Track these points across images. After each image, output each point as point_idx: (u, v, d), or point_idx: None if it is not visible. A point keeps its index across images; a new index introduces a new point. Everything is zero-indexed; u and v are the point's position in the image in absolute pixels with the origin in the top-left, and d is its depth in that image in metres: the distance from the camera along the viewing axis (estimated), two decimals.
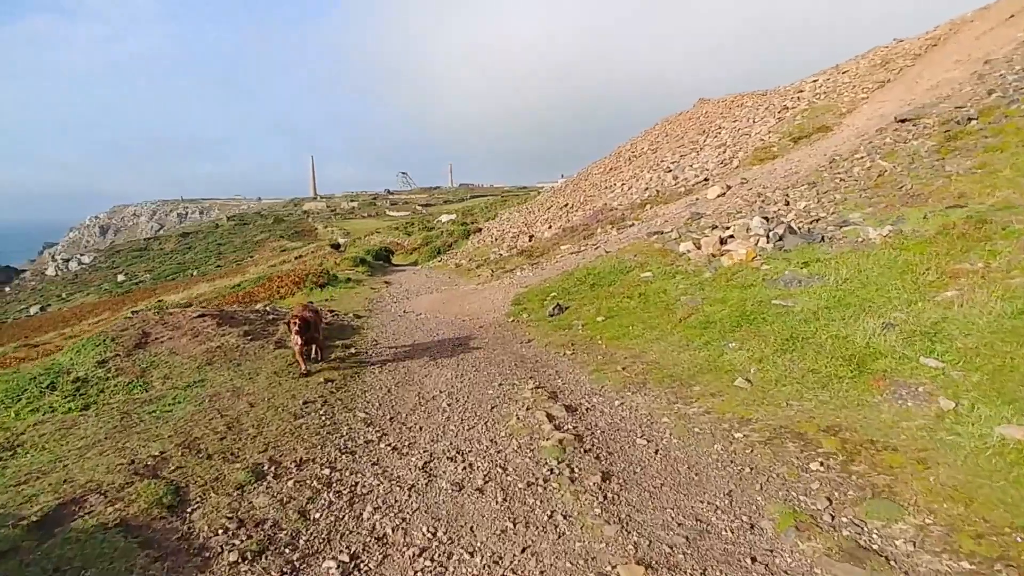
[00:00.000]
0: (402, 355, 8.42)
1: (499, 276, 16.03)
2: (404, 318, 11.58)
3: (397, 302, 14.06)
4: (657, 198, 18.23)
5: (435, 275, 23.40)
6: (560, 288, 12.19)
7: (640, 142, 34.70)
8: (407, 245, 43.37)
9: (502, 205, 58.26)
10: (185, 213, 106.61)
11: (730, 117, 28.53)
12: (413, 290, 16.89)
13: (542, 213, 30.38)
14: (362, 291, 16.49)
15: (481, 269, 22.17)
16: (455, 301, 13.34)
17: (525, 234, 27.23)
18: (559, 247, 17.29)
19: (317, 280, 17.24)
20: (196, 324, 7.93)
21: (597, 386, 6.85)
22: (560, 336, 9.55)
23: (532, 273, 14.37)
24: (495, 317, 11.34)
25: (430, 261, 31.91)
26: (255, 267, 50.48)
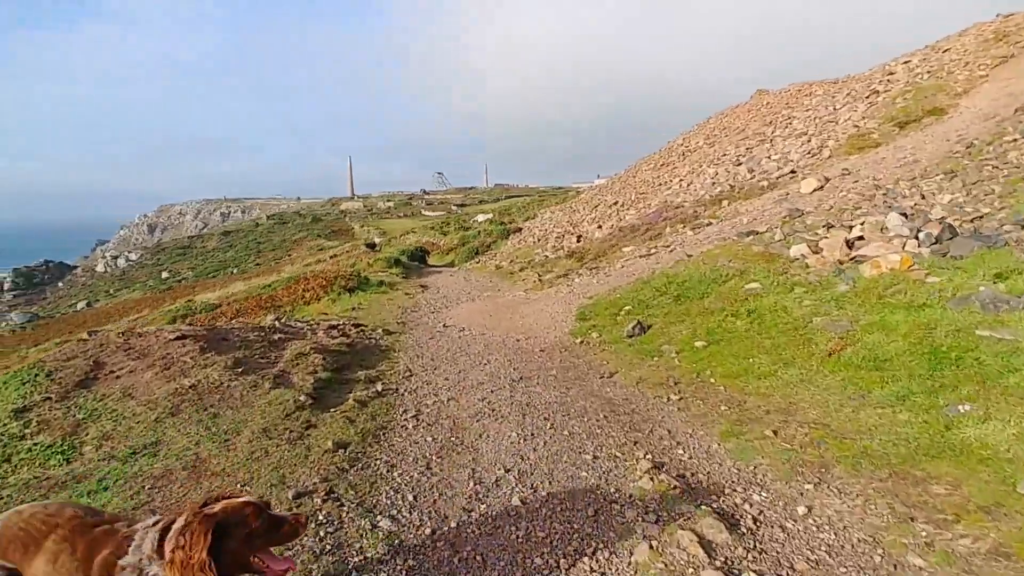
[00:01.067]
0: (444, 395, 6.08)
1: (552, 282, 13.58)
2: (444, 335, 9.24)
3: (435, 312, 11.75)
4: (733, 193, 15.52)
5: (474, 278, 21.10)
6: (635, 300, 9.68)
7: (693, 137, 31.77)
8: (443, 245, 41.31)
9: (539, 205, 55.76)
10: (228, 212, 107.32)
11: (800, 107, 25.46)
12: (452, 296, 14.59)
13: (588, 212, 27.78)
14: (395, 297, 14.28)
15: (525, 272, 19.77)
16: (503, 312, 10.96)
17: (571, 234, 24.71)
18: (619, 249, 14.75)
19: (346, 284, 15.12)
20: (172, 350, 5.78)
21: (747, 467, 4.35)
22: (651, 369, 7.06)
23: (595, 280, 11.86)
24: (557, 336, 8.91)
25: (467, 262, 29.68)
26: (290, 266, 49.28)
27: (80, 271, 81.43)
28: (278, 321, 8.46)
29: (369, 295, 14.47)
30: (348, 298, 14.07)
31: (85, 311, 53.60)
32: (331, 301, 13.86)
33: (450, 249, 37.92)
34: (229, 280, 49.70)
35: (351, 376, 6.35)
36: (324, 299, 14.18)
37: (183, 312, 25.33)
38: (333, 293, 14.65)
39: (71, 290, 73.33)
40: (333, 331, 8.25)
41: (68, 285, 76.98)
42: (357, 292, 14.72)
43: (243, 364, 5.85)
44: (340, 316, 10.38)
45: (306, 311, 13.09)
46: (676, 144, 32.34)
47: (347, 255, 46.71)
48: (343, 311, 11.47)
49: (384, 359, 7.44)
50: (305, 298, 14.50)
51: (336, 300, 13.92)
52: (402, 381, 6.53)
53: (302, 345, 6.87)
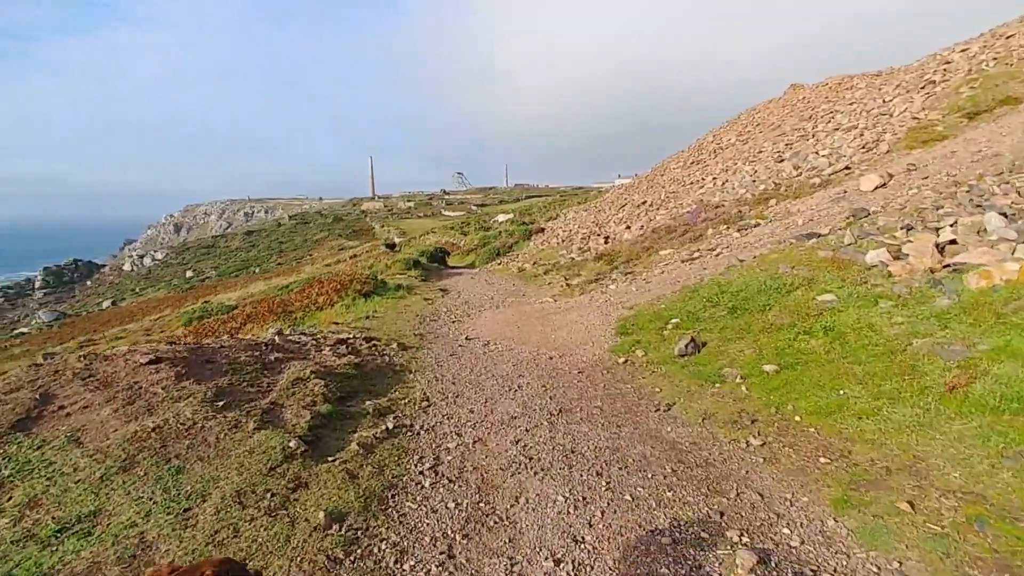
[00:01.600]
0: (469, 434, 4.93)
1: (584, 289, 12.34)
2: (467, 351, 8.09)
3: (456, 321, 10.62)
4: (780, 192, 14.12)
5: (497, 281, 19.95)
6: (683, 312, 8.43)
7: (724, 133, 30.22)
8: (463, 246, 40.29)
9: (561, 205, 54.47)
10: (251, 212, 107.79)
11: (841, 100, 23.84)
12: (474, 302, 13.45)
13: (614, 212, 26.46)
14: (413, 303, 13.19)
15: (551, 276, 18.56)
16: (532, 323, 9.77)
17: (598, 235, 23.43)
18: (655, 252, 13.46)
19: (361, 288, 14.09)
20: (141, 378, 4.74)
21: (888, 564, 3.11)
22: (716, 399, 5.82)
23: (633, 287, 10.60)
24: (596, 354, 7.69)
25: (488, 263, 28.55)
26: (310, 266, 48.77)
27: (108, 270, 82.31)
28: (279, 335, 7.39)
29: (385, 300, 13.40)
30: (363, 304, 13.01)
31: (110, 310, 53.80)
32: (345, 307, 12.82)
33: (470, 250, 36.86)
34: (250, 280, 49.42)
35: (357, 408, 5.22)
36: (338, 304, 13.15)
37: (199, 314, 24.66)
38: (347, 298, 13.61)
39: (99, 288, 74.05)
40: (341, 347, 7.16)
41: (96, 284, 77.82)
42: (373, 297, 13.67)
43: (226, 395, 4.77)
44: (352, 326, 9.30)
45: (318, 318, 12.06)
46: (706, 141, 30.82)
47: (366, 255, 46.01)
48: (356, 319, 10.40)
49: (398, 383, 6.31)
50: (318, 303, 13.49)
51: (350, 306, 12.88)
52: (418, 413, 5.39)
53: (302, 367, 5.78)
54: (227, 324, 14.15)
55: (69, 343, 32.57)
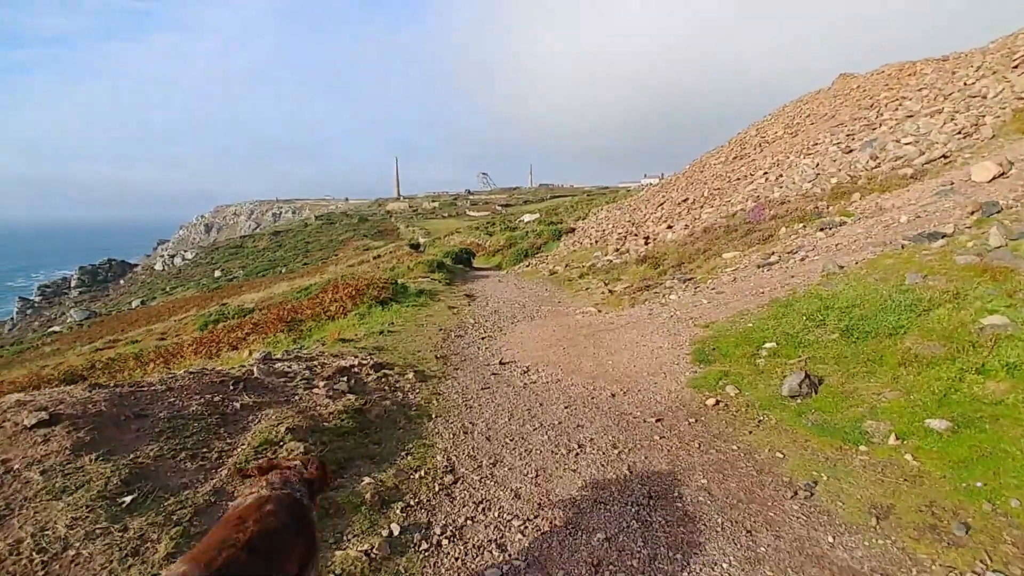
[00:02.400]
0: (517, 542, 3.12)
1: (635, 298, 10.39)
2: (503, 383, 6.25)
3: (486, 337, 8.79)
4: (860, 185, 11.96)
5: (527, 285, 18.11)
6: (778, 332, 6.45)
7: (769, 126, 27.87)
8: (488, 246, 38.56)
9: (589, 204, 52.41)
10: (279, 213, 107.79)
11: (907, 87, 21.38)
12: (505, 311, 11.63)
13: (652, 211, 24.37)
14: (436, 312, 11.44)
15: (587, 280, 16.65)
16: (580, 342, 7.87)
17: (636, 236, 21.41)
18: (716, 255, 11.44)
19: (379, 294, 12.37)
20: (16, 453, 3.03)
21: None
22: (874, 477, 3.88)
23: (702, 298, 8.58)
24: (673, 390, 5.77)
25: (516, 265, 26.73)
26: (334, 266, 47.71)
27: (140, 269, 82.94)
28: (264, 361, 5.64)
29: (405, 309, 11.67)
30: (379, 313, 11.29)
31: (139, 309, 53.63)
32: (358, 317, 11.11)
33: (496, 250, 35.10)
34: (274, 280, 48.62)
35: (349, 491, 3.43)
36: (351, 314, 11.46)
37: (215, 317, 23.40)
38: (362, 306, 11.92)
39: (131, 287, 74.54)
40: (340, 380, 5.38)
41: (129, 283, 78.44)
42: (391, 305, 11.94)
43: (143, 480, 3.03)
44: (361, 346, 7.54)
45: (327, 330, 10.37)
46: (748, 135, 28.49)
47: (390, 256, 44.70)
48: (369, 334, 8.66)
49: (412, 439, 4.50)
50: (330, 312, 11.82)
51: (365, 316, 11.18)
52: (439, 500, 3.57)
53: (276, 420, 4.01)
54: (232, 334, 12.60)
55: (96, 342, 31.90)
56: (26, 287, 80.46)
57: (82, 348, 30.96)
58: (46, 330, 51.73)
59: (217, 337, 12.61)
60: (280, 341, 10.00)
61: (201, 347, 12.29)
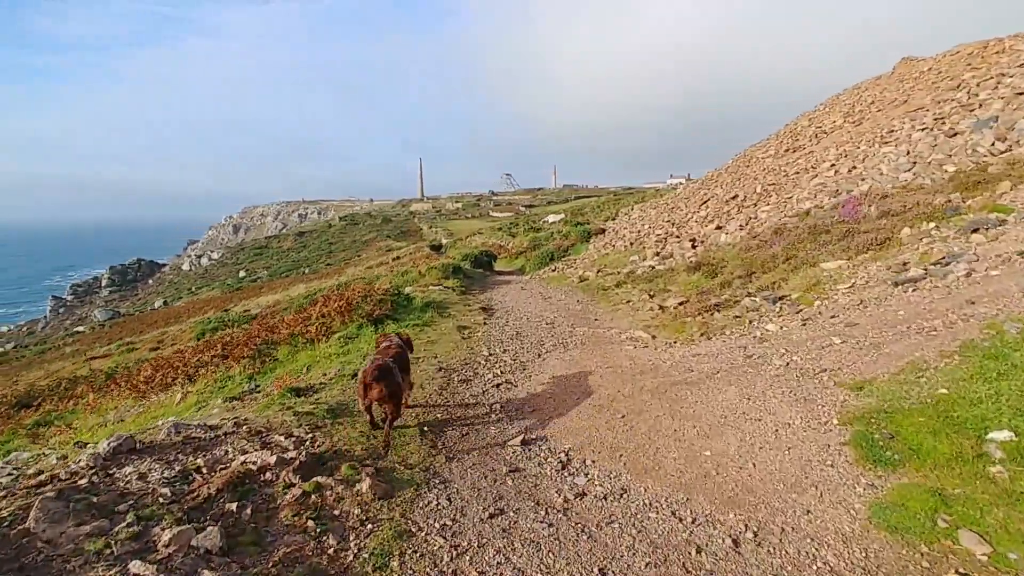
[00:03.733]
0: None
1: (707, 323, 7.51)
2: (526, 500, 3.49)
3: (503, 384, 6.05)
4: (991, 174, 8.93)
5: (555, 294, 15.35)
6: (1009, 407, 3.60)
7: (824, 116, 24.56)
8: (511, 248, 35.85)
9: (616, 204, 49.33)
10: (305, 213, 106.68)
11: (996, 65, 17.99)
12: (530, 334, 8.92)
13: (694, 209, 21.34)
14: (441, 336, 8.77)
15: (627, 290, 13.81)
16: (648, 406, 5.03)
17: (677, 237, 18.46)
18: (809, 264, 8.50)
19: (373, 310, 9.74)
20: None
21: None
22: None
23: (827, 333, 5.68)
24: (852, 540, 2.95)
25: (541, 269, 23.98)
26: (353, 268, 45.74)
27: (168, 269, 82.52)
28: (93, 473, 3.06)
29: (407, 328, 9.03)
30: (369, 336, 8.67)
31: (161, 310, 52.44)
32: (342, 342, 8.51)
33: (519, 252, 32.39)
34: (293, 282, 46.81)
35: None
36: (336, 336, 8.86)
37: (214, 325, 21.20)
38: (352, 325, 9.31)
39: (159, 287, 73.92)
40: (217, 515, 2.74)
41: (157, 282, 77.95)
42: (386, 323, 9.31)
43: None
44: (317, 399, 4.92)
45: (299, 360, 7.79)
46: (800, 126, 25.19)
47: (409, 257, 42.41)
48: (339, 376, 6.02)
49: None
50: (309, 332, 9.24)
51: (350, 340, 8.57)
52: None
53: None
54: (195, 356, 10.13)
55: (110, 345, 30.26)
56: (61, 286, 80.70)
57: (100, 349, 29.35)
58: (71, 330, 50.93)
59: (173, 363, 10.16)
60: (233, 377, 7.43)
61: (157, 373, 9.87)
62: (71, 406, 9.60)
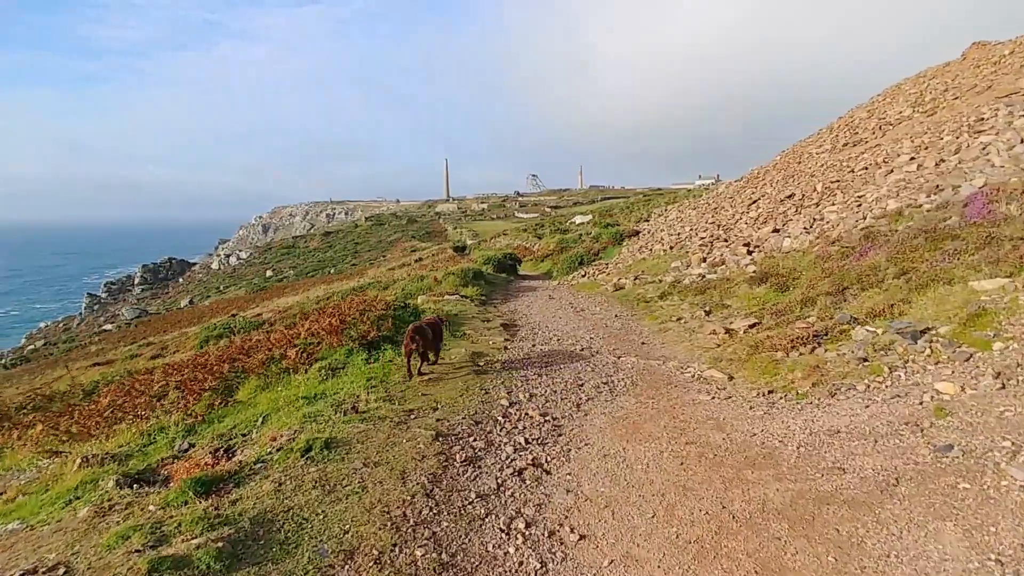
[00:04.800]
0: None
1: (820, 368, 5.33)
2: None
3: (531, 447, 4.02)
4: None
5: (588, 306, 13.22)
6: None
7: (888, 106, 21.80)
8: (537, 250, 33.71)
9: (646, 205, 46.73)
10: (332, 214, 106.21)
11: None
12: (563, 365, 6.85)
13: (741, 210, 18.89)
14: (449, 372, 6.74)
15: (675, 304, 11.60)
16: (775, 539, 2.99)
17: (726, 241, 16.11)
18: (943, 281, 6.19)
19: (368, 330, 7.77)
20: None
21: None
22: None
23: None
24: None
25: (570, 274, 21.81)
26: (374, 269, 44.28)
27: (198, 268, 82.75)
28: None
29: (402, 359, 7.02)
30: (361, 364, 6.72)
31: (186, 309, 51.88)
32: (326, 371, 6.55)
33: (546, 255, 30.24)
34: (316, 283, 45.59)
35: None
36: (318, 366, 6.90)
37: (218, 332, 19.64)
38: (340, 350, 7.36)
39: (188, 286, 73.96)
40: None
41: (187, 281, 78.13)
42: (384, 350, 7.33)
43: None
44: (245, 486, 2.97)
45: (255, 408, 5.86)
46: (858, 118, 22.44)
47: (432, 259, 40.64)
48: (290, 445, 4.08)
49: None
50: (289, 359, 7.32)
51: (337, 371, 6.61)
52: None
53: None
54: (162, 381, 8.32)
55: (131, 346, 29.25)
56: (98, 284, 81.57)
57: (110, 353, 28.32)
58: (98, 328, 50.78)
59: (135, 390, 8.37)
60: (168, 429, 5.52)
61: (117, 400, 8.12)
62: (13, 438, 7.87)
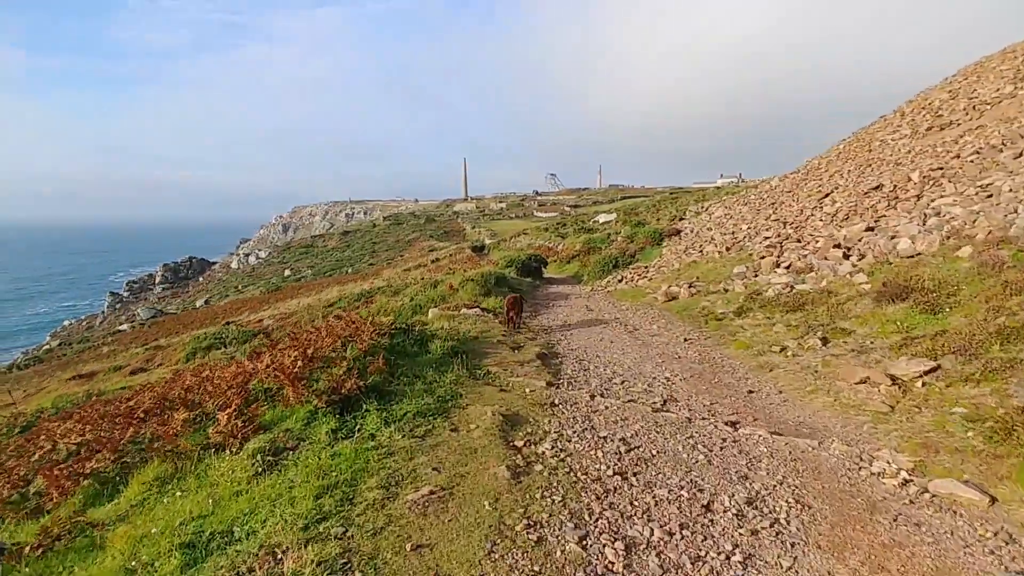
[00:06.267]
0: None
1: None
2: None
3: None
4: None
5: (640, 321, 10.37)
6: None
7: (977, 85, 18.39)
8: (562, 251, 30.79)
9: (674, 203, 43.54)
10: (351, 213, 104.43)
11: None
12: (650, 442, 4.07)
13: (811, 204, 15.76)
14: (461, 481, 3.96)
15: (757, 321, 8.69)
16: None
17: (802, 242, 13.04)
18: None
19: (342, 381, 5.07)
20: None
21: None
22: None
23: None
24: None
25: (603, 278, 18.90)
26: (389, 270, 41.88)
27: (218, 267, 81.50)
28: None
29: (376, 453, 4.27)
30: (323, 438, 4.02)
31: (201, 309, 50.04)
32: (263, 455, 3.86)
33: (572, 255, 27.29)
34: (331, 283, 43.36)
35: None
36: (254, 443, 4.21)
37: (207, 343, 17.19)
38: (300, 409, 4.66)
39: (207, 285, 72.56)
40: None
41: (206, 280, 76.82)
42: (364, 414, 4.62)
43: None
44: None
45: (134, 531, 3.20)
46: (938, 100, 19.06)
47: (449, 259, 37.99)
48: None
49: None
50: (220, 427, 4.63)
51: (281, 455, 3.91)
52: None
53: None
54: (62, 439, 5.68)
55: (138, 349, 27.18)
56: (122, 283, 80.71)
57: (135, 350, 26.26)
58: (113, 328, 49.29)
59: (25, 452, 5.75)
60: None
61: None
62: None
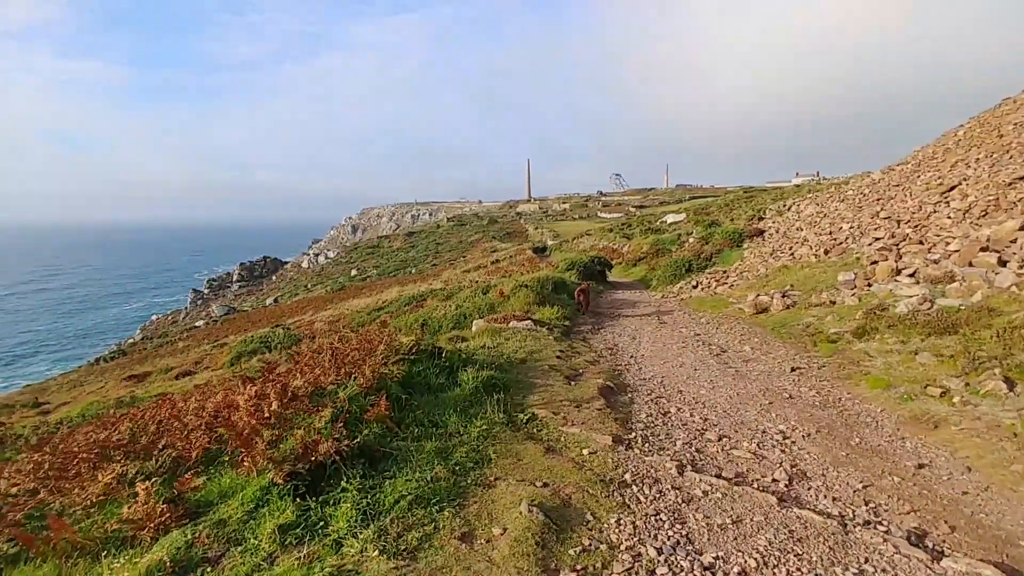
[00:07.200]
0: None
1: None
2: None
3: None
4: None
5: (728, 341, 8.35)
6: None
7: None
8: (627, 253, 28.55)
9: (749, 202, 39.93)
10: (417, 214, 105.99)
11: None
12: None
13: (931, 199, 12.79)
14: None
15: (889, 347, 6.50)
16: None
17: (925, 244, 10.41)
18: None
19: (313, 441, 3.58)
20: None
21: None
22: None
23: None
24: None
25: (674, 283, 16.72)
26: (449, 271, 41.07)
27: (290, 266, 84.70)
28: None
29: None
30: (258, 554, 2.54)
31: (269, 308, 51.50)
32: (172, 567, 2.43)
33: (638, 258, 25.06)
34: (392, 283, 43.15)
35: None
36: (173, 537, 2.78)
37: (253, 346, 16.57)
38: (249, 487, 3.21)
39: (280, 284, 75.44)
40: None
41: (279, 279, 79.98)
42: (341, 496, 3.09)
43: None
44: None
45: None
46: None
47: (509, 261, 36.51)
48: None
49: None
50: (136, 503, 3.25)
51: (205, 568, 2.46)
52: None
53: None
54: None
55: (206, 346, 27.84)
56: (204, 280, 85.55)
57: (204, 347, 26.88)
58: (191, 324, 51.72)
59: None
60: None
61: None
62: None
